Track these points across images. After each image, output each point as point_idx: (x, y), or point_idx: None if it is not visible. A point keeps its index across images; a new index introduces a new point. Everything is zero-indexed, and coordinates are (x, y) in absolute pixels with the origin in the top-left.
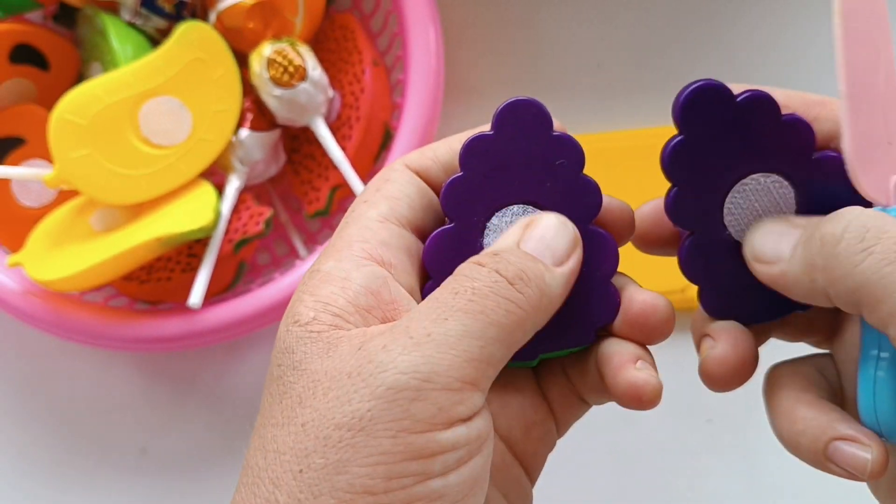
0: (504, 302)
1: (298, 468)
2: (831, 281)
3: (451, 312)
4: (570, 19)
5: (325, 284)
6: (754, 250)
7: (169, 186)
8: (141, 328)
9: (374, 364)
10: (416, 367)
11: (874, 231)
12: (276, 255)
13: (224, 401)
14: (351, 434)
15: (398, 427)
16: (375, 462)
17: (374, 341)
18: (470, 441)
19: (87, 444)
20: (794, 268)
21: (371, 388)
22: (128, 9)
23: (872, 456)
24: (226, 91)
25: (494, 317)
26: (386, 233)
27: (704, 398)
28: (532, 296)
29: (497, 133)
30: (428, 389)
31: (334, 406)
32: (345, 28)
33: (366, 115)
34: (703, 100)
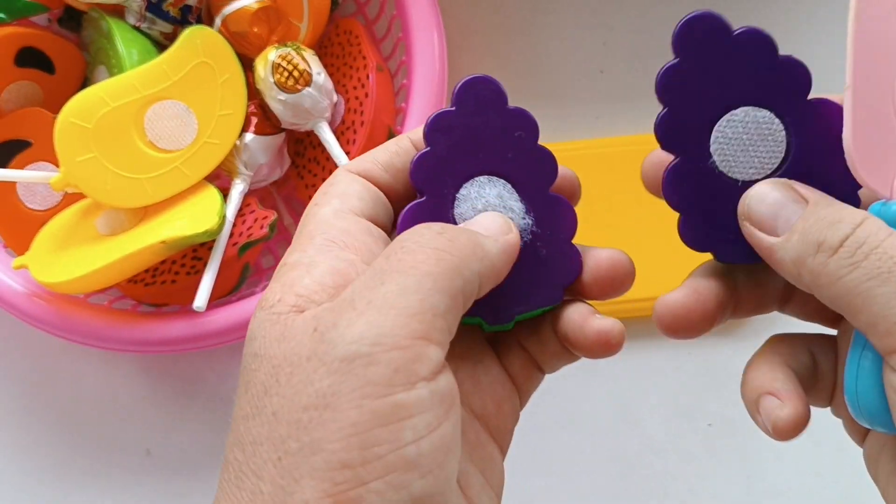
0: (433, 251)
1: (276, 456)
2: (816, 284)
3: (385, 275)
4: (573, 25)
5: (290, 271)
6: (750, 210)
7: (174, 190)
8: (145, 330)
9: (327, 342)
10: (363, 335)
11: (867, 247)
12: (279, 258)
13: (228, 403)
14: (318, 413)
15: (360, 395)
16: (347, 434)
17: (324, 320)
18: (434, 403)
19: (91, 446)
20: (785, 255)
21: (327, 365)
22: (133, 13)
23: (784, 413)
24: (231, 95)
25: (425, 267)
26: (344, 222)
27: (704, 402)
28: (462, 243)
29: (458, 108)
30: (378, 353)
31: (299, 390)
32: (349, 33)
33: (370, 119)
34: (700, 27)
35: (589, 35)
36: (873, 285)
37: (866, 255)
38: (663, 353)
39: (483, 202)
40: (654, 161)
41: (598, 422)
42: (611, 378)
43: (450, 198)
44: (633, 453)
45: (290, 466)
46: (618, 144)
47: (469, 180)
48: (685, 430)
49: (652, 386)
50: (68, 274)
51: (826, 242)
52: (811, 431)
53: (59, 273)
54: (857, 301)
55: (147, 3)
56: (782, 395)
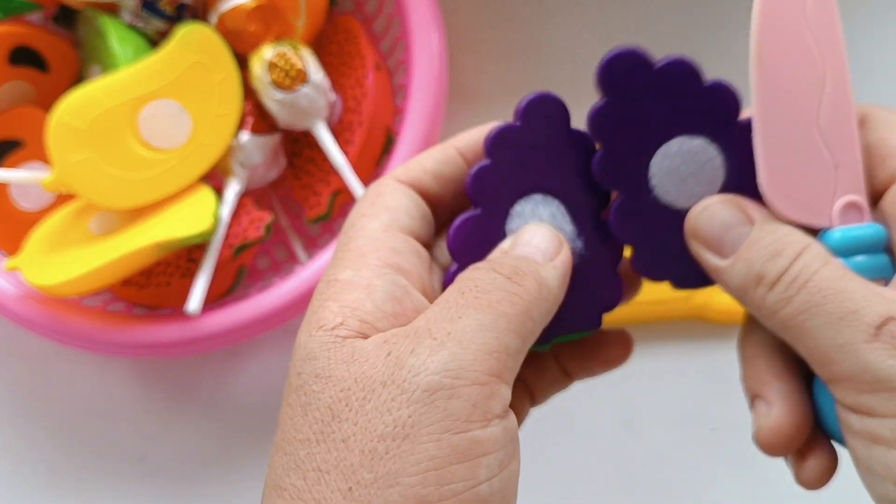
0: (507, 294)
1: (347, 486)
2: (759, 315)
3: (462, 310)
4: (574, 23)
5: (348, 291)
6: (697, 229)
7: (169, 190)
8: (139, 334)
9: (406, 369)
10: (446, 366)
11: (799, 280)
12: (275, 260)
13: (223, 407)
14: (396, 444)
15: (440, 429)
16: (425, 469)
17: (401, 346)
18: (506, 441)
19: (85, 450)
20: (731, 280)
21: (407, 393)
22: (129, 11)
23: (761, 421)
24: (226, 95)
25: (501, 308)
26: (394, 241)
27: (708, 407)
28: (531, 287)
29: (523, 124)
30: (460, 386)
31: (374, 417)
32: (347, 31)
33: (368, 119)
34: (621, 65)
35: (590, 33)
36: (803, 319)
37: (798, 289)
38: (666, 359)
39: (537, 220)
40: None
41: (601, 427)
42: (613, 383)
43: (503, 213)
44: (635, 459)
45: (361, 498)
46: None
47: (524, 197)
48: (689, 435)
49: (655, 391)
50: (61, 276)
51: (766, 277)
52: None
53: (51, 276)
54: (792, 333)
55: (142, 1)
56: (759, 409)
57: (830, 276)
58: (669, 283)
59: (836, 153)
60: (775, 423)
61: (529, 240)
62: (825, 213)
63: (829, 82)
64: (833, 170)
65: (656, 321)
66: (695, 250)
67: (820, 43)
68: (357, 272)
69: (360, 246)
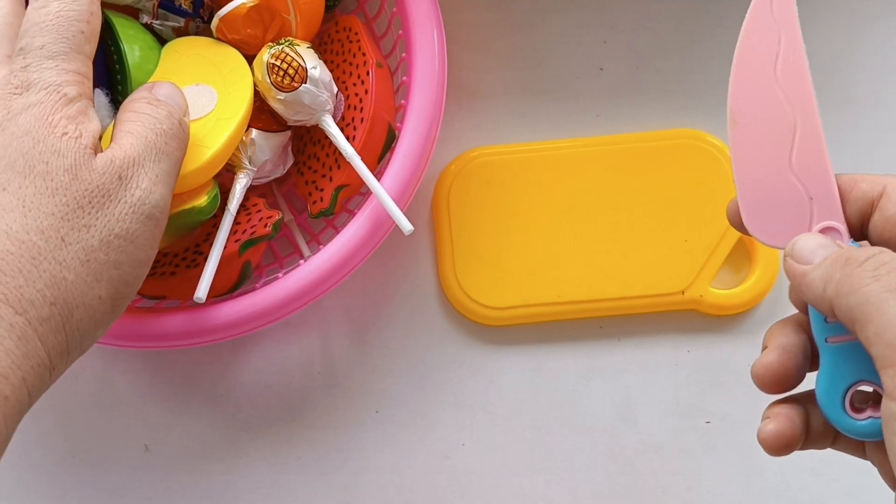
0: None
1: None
2: (839, 293)
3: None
4: (573, 22)
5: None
6: (793, 249)
7: (195, 164)
8: (144, 325)
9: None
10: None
11: (889, 265)
12: (279, 255)
13: (227, 398)
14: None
15: None
16: None
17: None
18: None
19: (90, 440)
20: (816, 273)
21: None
22: (147, 12)
23: (766, 426)
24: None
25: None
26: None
27: (703, 400)
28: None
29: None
30: None
31: None
32: (349, 30)
33: (370, 116)
34: None
35: (589, 33)
36: (889, 297)
37: (889, 271)
38: (662, 351)
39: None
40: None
41: (597, 420)
42: (609, 376)
43: None
44: (631, 451)
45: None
46: (618, 142)
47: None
48: (684, 427)
49: (651, 384)
50: None
51: (853, 258)
52: None
53: None
54: (871, 310)
55: (160, 1)
56: (768, 414)
57: None
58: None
59: (811, 187)
60: (768, 360)
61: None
62: (787, 239)
63: (800, 127)
64: (808, 201)
65: (651, 313)
66: (787, 265)
67: (790, 95)
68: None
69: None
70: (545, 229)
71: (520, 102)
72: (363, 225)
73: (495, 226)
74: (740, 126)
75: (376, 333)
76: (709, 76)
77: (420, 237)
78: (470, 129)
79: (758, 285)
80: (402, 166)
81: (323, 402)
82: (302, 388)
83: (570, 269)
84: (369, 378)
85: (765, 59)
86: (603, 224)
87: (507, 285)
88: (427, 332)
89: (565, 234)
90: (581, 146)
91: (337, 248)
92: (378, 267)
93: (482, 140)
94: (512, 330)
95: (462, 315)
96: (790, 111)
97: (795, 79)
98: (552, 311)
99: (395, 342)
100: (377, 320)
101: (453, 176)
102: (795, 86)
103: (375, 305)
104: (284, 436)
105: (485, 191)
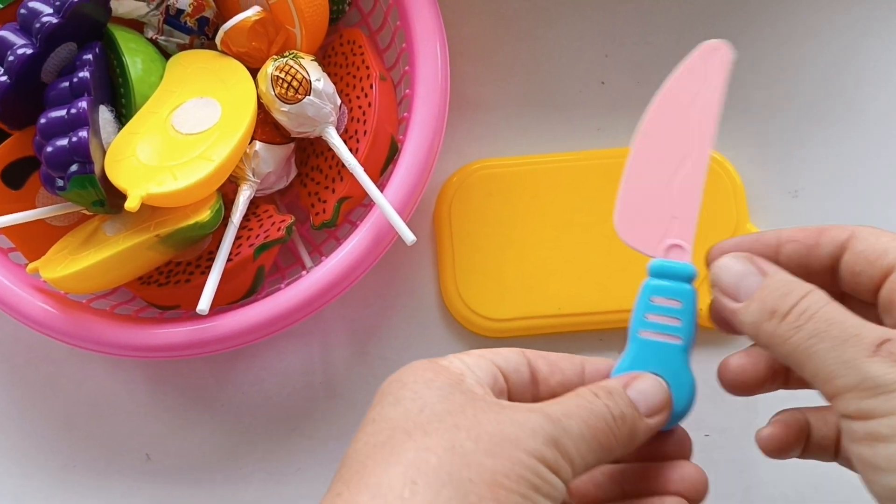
0: (607, 427)
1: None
2: (770, 344)
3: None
4: (575, 36)
5: None
6: (717, 279)
7: (200, 175)
8: (147, 336)
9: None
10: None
11: (808, 313)
12: (281, 265)
13: (228, 407)
14: None
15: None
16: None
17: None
18: None
19: (92, 450)
20: (745, 319)
21: None
22: (152, 27)
23: (765, 429)
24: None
25: (599, 436)
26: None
27: (702, 413)
28: (624, 432)
29: None
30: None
31: None
32: (353, 43)
33: (373, 128)
34: None
35: (591, 46)
36: (812, 343)
37: (808, 319)
38: None
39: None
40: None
41: None
42: None
43: None
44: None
45: None
46: (619, 156)
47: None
48: None
49: None
50: (68, 269)
51: (778, 311)
52: None
53: (60, 269)
54: (802, 357)
55: (165, 16)
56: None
57: (834, 310)
58: None
59: (677, 209)
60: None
61: (644, 388)
62: (656, 248)
63: (692, 159)
64: (670, 219)
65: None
66: (715, 296)
67: (693, 131)
68: None
69: None
70: (546, 241)
71: (522, 115)
72: (365, 237)
73: (497, 238)
74: (645, 139)
75: (377, 344)
76: None
77: (421, 249)
78: (472, 142)
79: None
80: (404, 178)
81: (323, 412)
82: (303, 398)
83: (570, 282)
84: (370, 389)
85: (686, 96)
86: (603, 237)
87: (507, 297)
88: (428, 343)
89: (566, 246)
90: (582, 159)
91: (339, 260)
92: (379, 278)
93: (484, 152)
94: (512, 342)
95: (463, 326)
96: (688, 144)
97: (703, 122)
98: (552, 323)
99: (396, 353)
100: (378, 331)
101: (455, 188)
102: (700, 126)
103: (376, 316)
104: (285, 446)
105: (486, 203)
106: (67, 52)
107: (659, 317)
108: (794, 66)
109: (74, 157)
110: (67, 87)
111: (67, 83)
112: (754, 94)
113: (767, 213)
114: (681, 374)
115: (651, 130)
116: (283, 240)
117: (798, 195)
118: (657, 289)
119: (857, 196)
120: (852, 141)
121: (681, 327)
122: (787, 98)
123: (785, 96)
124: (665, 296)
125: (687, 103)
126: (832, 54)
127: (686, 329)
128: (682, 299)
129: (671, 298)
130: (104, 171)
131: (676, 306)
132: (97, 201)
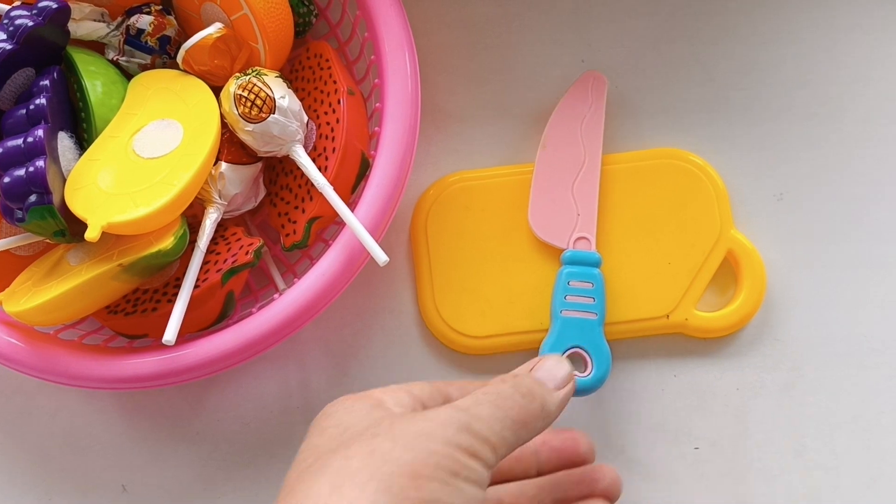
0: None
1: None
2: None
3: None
4: (549, 42)
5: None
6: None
7: (163, 198)
8: (117, 368)
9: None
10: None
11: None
12: (254, 287)
13: (203, 436)
14: None
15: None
16: None
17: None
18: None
19: (67, 482)
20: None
21: None
22: (113, 48)
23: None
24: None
25: (512, 413)
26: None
27: (691, 426)
28: (536, 407)
29: None
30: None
31: None
32: (320, 56)
33: (342, 145)
34: None
35: (565, 52)
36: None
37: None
38: (648, 376)
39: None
40: None
41: None
42: (595, 401)
43: None
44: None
45: None
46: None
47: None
48: (672, 453)
49: (637, 409)
50: (32, 302)
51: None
52: (799, 453)
53: (24, 302)
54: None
55: (126, 36)
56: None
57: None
58: None
59: (581, 207)
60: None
61: (548, 367)
62: (566, 240)
63: (586, 164)
64: (576, 216)
65: (636, 338)
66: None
67: (585, 143)
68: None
69: None
70: (526, 255)
71: (498, 124)
72: (338, 257)
73: (475, 252)
74: (547, 151)
75: (356, 365)
76: (688, 93)
77: (398, 265)
78: (447, 154)
79: (744, 307)
80: (376, 196)
81: (302, 437)
82: (280, 423)
83: (551, 297)
84: None
85: (576, 114)
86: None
87: (488, 313)
88: (408, 362)
89: (546, 260)
90: None
91: (312, 282)
92: (356, 297)
93: (460, 164)
94: (494, 359)
95: (443, 344)
96: (583, 153)
97: (592, 134)
98: (533, 338)
99: (376, 373)
100: (356, 352)
101: (431, 201)
102: (591, 138)
103: (354, 336)
104: (263, 474)
105: (464, 216)
106: (24, 78)
107: (576, 297)
108: (775, 69)
109: (32, 188)
110: (24, 114)
111: (24, 110)
112: (736, 98)
113: (752, 217)
114: (599, 344)
115: (551, 144)
116: (252, 264)
117: (783, 198)
118: (571, 274)
119: (841, 197)
120: (836, 142)
121: (594, 304)
122: (770, 101)
123: (767, 99)
124: (578, 279)
125: (577, 120)
126: (814, 56)
127: (599, 306)
128: (593, 281)
129: (584, 281)
130: (64, 201)
131: (589, 287)
132: (58, 231)
